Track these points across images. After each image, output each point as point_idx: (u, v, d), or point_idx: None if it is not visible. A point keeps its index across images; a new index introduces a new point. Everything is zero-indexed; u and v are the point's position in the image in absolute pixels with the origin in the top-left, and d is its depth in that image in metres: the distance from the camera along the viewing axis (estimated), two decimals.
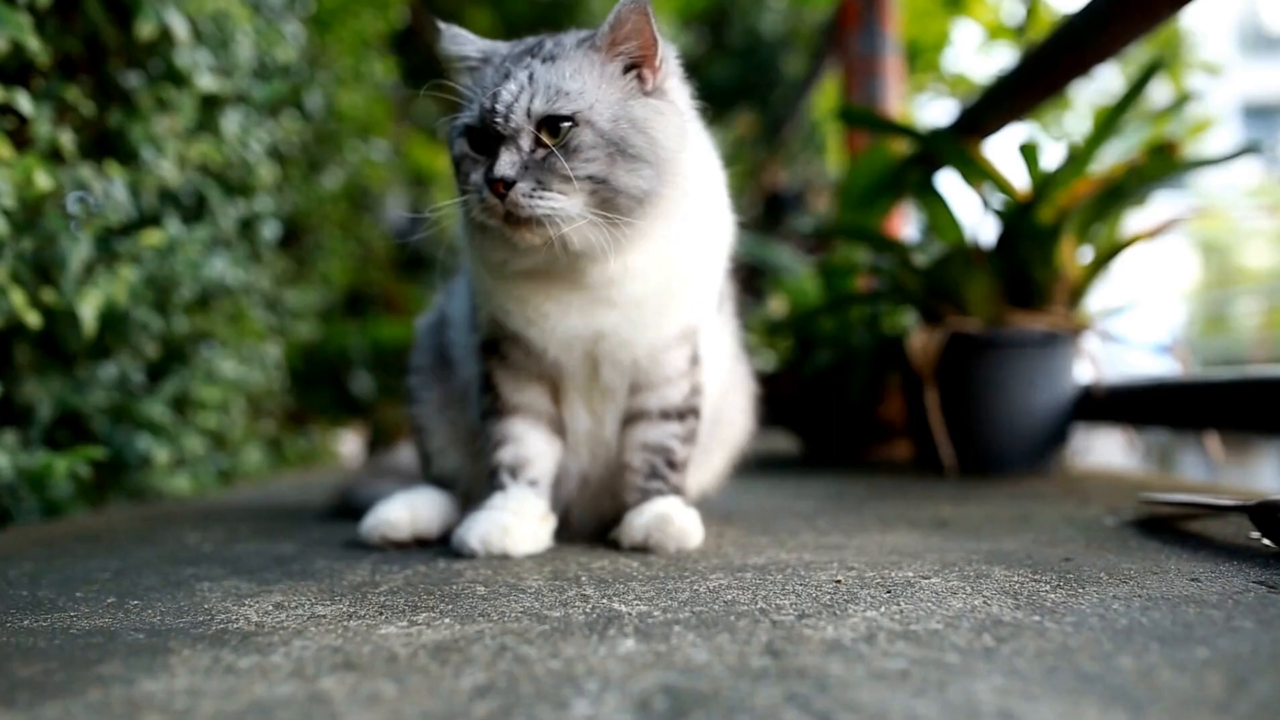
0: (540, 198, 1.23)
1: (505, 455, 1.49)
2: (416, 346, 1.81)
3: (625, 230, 1.27)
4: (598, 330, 1.38)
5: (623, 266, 1.31)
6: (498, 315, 1.45)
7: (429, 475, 1.75)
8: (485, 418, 1.53)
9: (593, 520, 1.62)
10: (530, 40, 1.37)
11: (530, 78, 1.27)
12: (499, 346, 1.50)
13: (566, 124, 1.24)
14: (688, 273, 1.39)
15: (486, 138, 1.28)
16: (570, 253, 1.29)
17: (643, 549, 1.43)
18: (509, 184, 1.23)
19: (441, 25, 1.41)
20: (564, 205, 1.24)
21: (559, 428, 1.53)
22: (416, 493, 1.67)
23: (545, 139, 1.25)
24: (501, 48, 1.38)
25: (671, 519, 1.43)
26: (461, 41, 1.39)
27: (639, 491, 1.50)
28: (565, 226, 1.25)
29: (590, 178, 1.24)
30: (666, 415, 1.50)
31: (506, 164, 1.24)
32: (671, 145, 1.29)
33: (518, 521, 1.43)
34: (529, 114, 1.25)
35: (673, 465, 1.50)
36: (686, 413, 1.51)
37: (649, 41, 1.29)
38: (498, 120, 1.26)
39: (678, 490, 1.52)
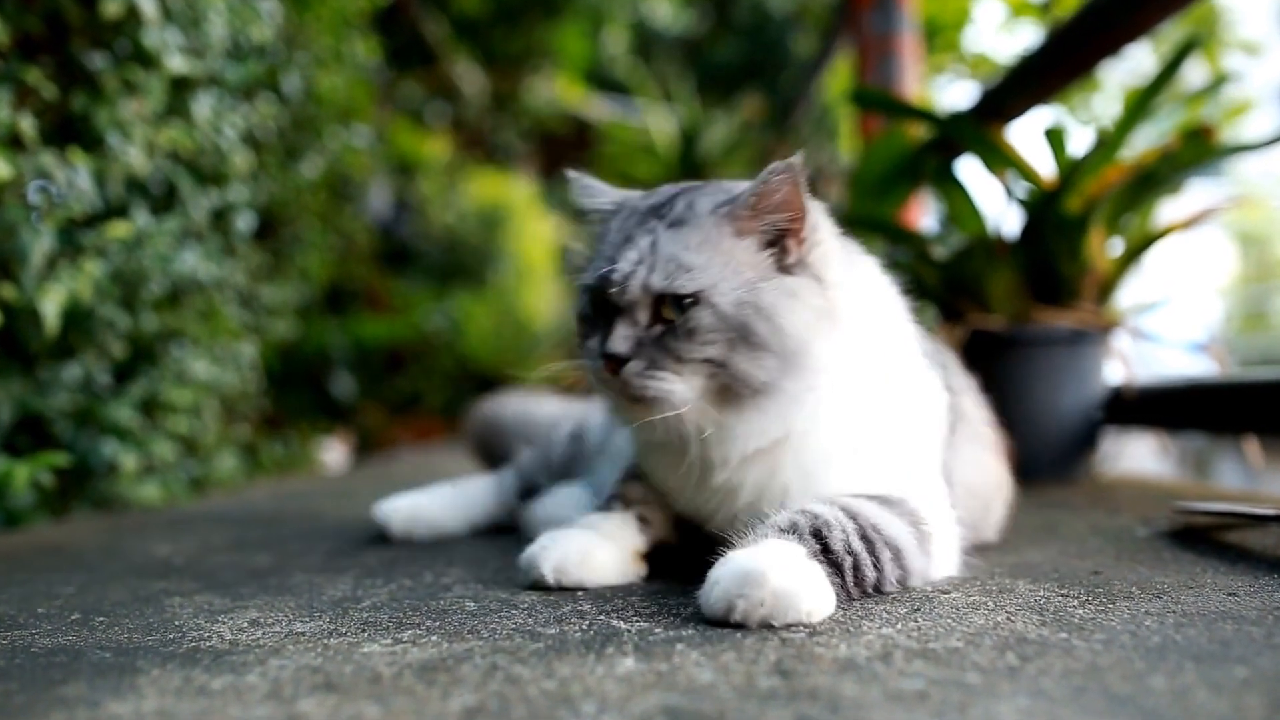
0: (652, 378, 1.22)
1: (629, 489, 1.42)
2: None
3: (737, 419, 1.24)
4: (729, 509, 1.31)
5: (739, 453, 1.26)
6: (642, 465, 1.44)
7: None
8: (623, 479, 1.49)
9: None
10: (664, 192, 1.34)
11: (652, 246, 1.24)
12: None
13: (688, 300, 1.21)
14: (828, 454, 1.29)
15: (605, 303, 1.27)
16: (680, 435, 1.26)
17: None
18: (621, 361, 1.22)
19: (571, 175, 1.41)
20: (676, 388, 1.22)
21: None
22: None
23: (666, 313, 1.23)
24: (634, 198, 1.36)
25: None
26: (592, 193, 1.39)
27: None
28: (675, 409, 1.22)
29: (708, 360, 1.21)
30: None
31: (620, 339, 1.23)
32: (801, 335, 1.23)
33: (605, 546, 1.32)
34: (646, 288, 1.23)
35: None
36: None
37: (798, 214, 1.24)
38: (613, 290, 1.24)
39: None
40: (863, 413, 1.30)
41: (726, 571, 1.07)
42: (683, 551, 1.38)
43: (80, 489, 2.46)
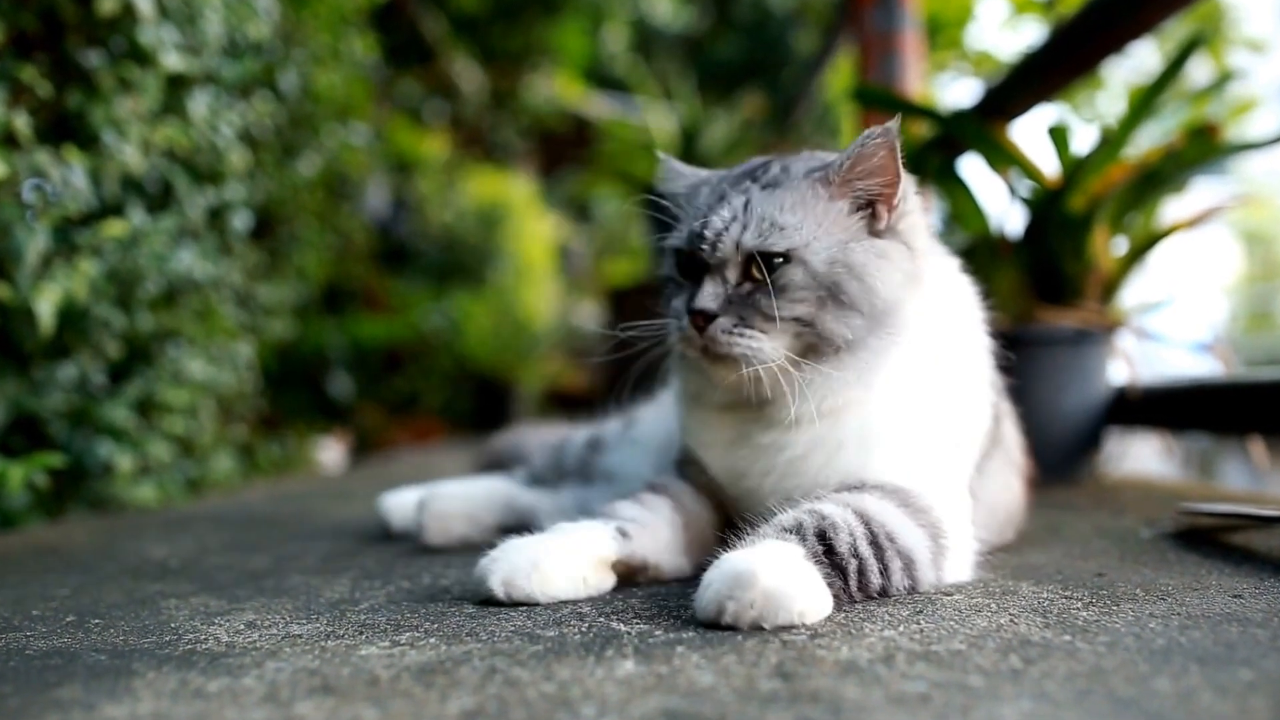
0: (740, 335, 1.23)
1: (619, 505, 1.37)
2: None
3: (820, 377, 1.25)
4: (765, 469, 1.33)
5: (809, 411, 1.27)
6: (687, 439, 1.45)
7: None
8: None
9: None
10: (757, 161, 1.38)
11: (745, 206, 1.27)
12: (686, 470, 1.47)
13: (779, 259, 1.24)
14: (882, 428, 1.30)
15: (693, 263, 1.29)
16: (759, 393, 1.28)
17: None
18: (709, 317, 1.24)
19: (660, 156, 1.44)
20: (763, 345, 1.24)
21: (699, 533, 1.41)
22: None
23: (756, 272, 1.25)
24: (723, 172, 1.40)
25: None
26: (678, 173, 1.43)
27: None
28: (758, 366, 1.24)
29: (796, 319, 1.24)
30: None
31: (709, 296, 1.25)
32: (890, 295, 1.26)
33: (560, 557, 1.25)
34: (738, 246, 1.25)
35: None
36: None
37: (892, 179, 1.27)
38: (704, 247, 1.27)
39: None
40: (925, 392, 1.31)
41: (719, 573, 1.07)
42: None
43: (75, 490, 2.46)
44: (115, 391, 2.52)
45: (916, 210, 1.33)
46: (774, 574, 1.05)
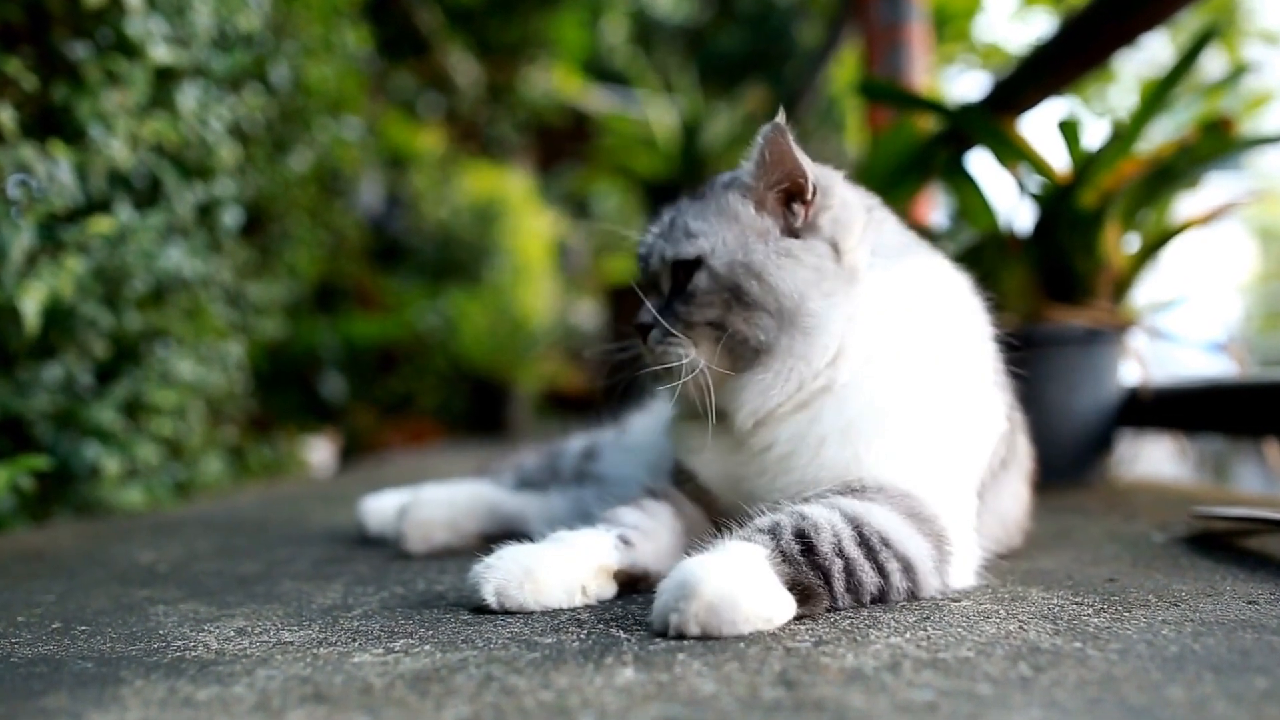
0: (669, 344, 1.31)
1: (620, 512, 1.37)
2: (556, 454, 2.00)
3: (747, 379, 1.28)
4: (739, 476, 1.36)
5: (752, 413, 1.29)
6: (676, 449, 1.47)
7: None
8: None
9: None
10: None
11: (671, 220, 1.38)
12: (679, 478, 1.47)
13: (692, 266, 1.31)
14: (865, 424, 1.29)
15: (645, 279, 1.41)
16: (702, 401, 1.31)
17: None
18: (645, 330, 1.34)
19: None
20: (688, 352, 1.30)
21: (698, 539, 1.38)
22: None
23: (680, 283, 1.33)
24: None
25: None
26: None
27: None
28: (685, 375, 1.30)
29: (709, 324, 1.29)
30: None
31: (645, 309, 1.35)
32: (796, 293, 1.26)
33: (558, 566, 1.24)
34: (663, 258, 1.35)
35: None
36: None
37: (793, 171, 1.30)
38: (641, 263, 1.40)
39: None
40: (906, 396, 1.30)
41: (670, 582, 1.07)
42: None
43: (61, 493, 2.46)
44: (102, 392, 2.52)
45: (844, 206, 1.34)
46: (721, 583, 1.03)
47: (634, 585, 1.31)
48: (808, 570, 1.11)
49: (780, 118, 1.27)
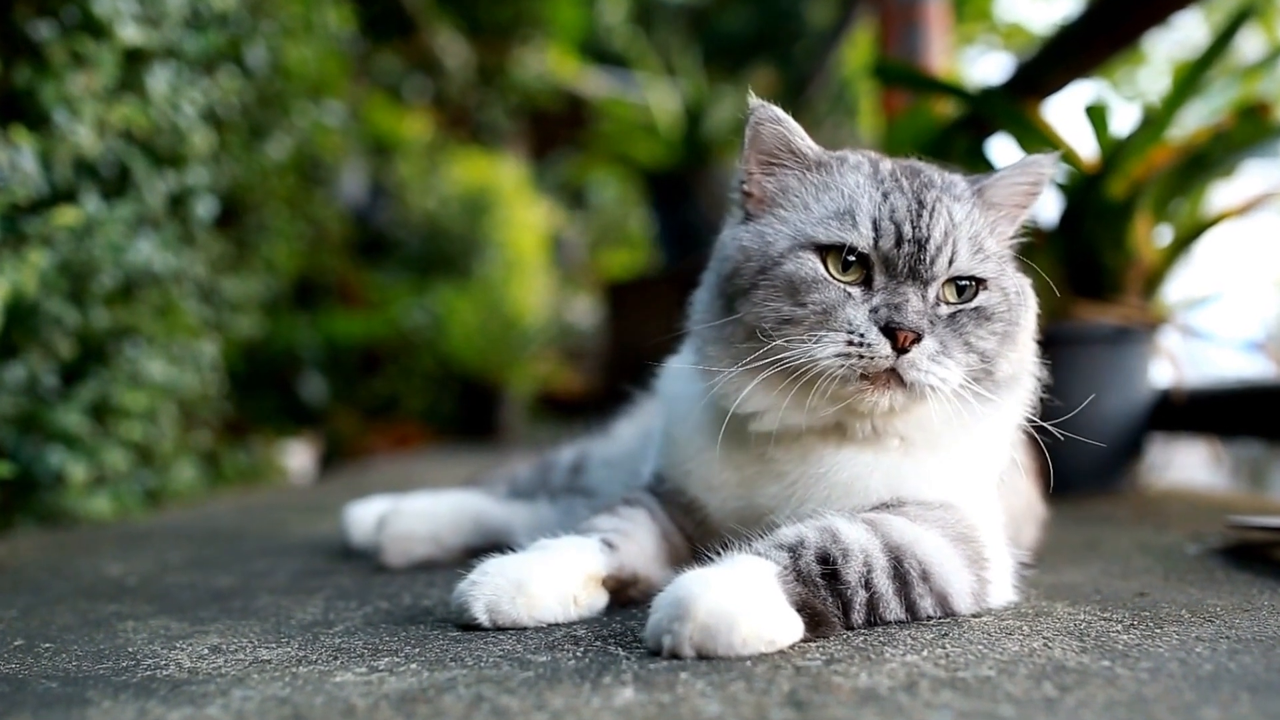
0: (938, 364, 1.20)
1: (596, 520, 1.38)
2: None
3: (969, 413, 1.24)
4: (753, 494, 1.33)
5: (927, 442, 1.29)
6: (680, 477, 1.41)
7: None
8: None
9: None
10: (902, 162, 1.34)
11: (952, 219, 1.25)
12: (664, 498, 1.45)
13: (973, 284, 1.26)
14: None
15: (866, 267, 1.23)
16: (881, 426, 1.26)
17: None
18: (918, 337, 1.18)
19: (773, 111, 1.30)
20: (950, 376, 1.21)
21: (676, 546, 1.41)
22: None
23: (950, 295, 1.25)
24: (853, 159, 1.32)
25: None
26: (790, 130, 1.30)
27: None
28: (934, 403, 1.22)
29: (983, 354, 1.25)
30: None
31: (917, 312, 1.20)
32: (1032, 328, 1.34)
33: (548, 576, 1.24)
34: (951, 262, 1.23)
35: None
36: None
37: (1032, 198, 1.35)
38: (922, 260, 1.22)
39: None
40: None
41: (665, 598, 1.06)
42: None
43: (24, 502, 2.46)
44: (68, 394, 2.52)
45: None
46: (718, 601, 1.02)
47: (624, 591, 1.31)
48: (825, 595, 1.11)
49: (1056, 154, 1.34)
